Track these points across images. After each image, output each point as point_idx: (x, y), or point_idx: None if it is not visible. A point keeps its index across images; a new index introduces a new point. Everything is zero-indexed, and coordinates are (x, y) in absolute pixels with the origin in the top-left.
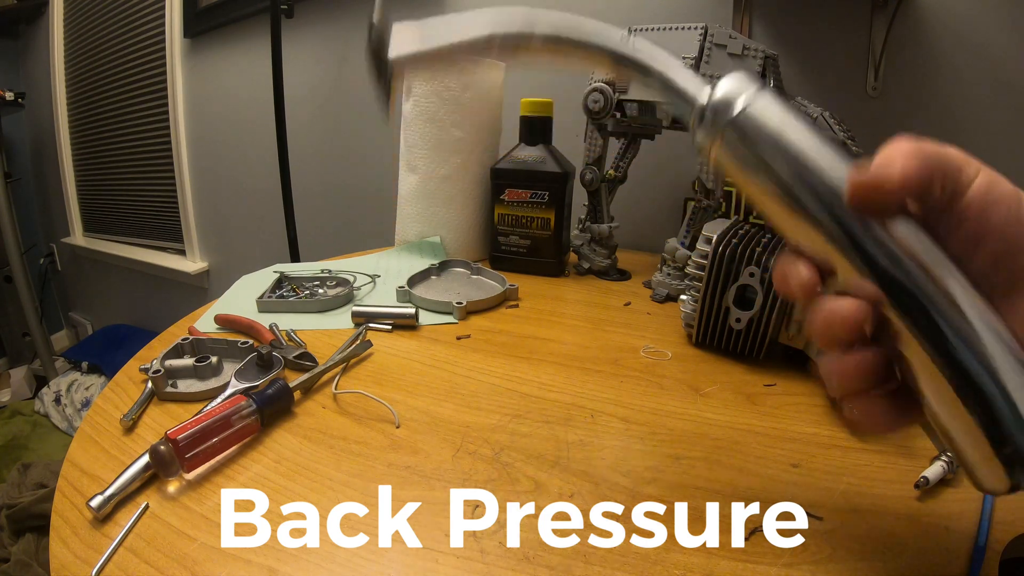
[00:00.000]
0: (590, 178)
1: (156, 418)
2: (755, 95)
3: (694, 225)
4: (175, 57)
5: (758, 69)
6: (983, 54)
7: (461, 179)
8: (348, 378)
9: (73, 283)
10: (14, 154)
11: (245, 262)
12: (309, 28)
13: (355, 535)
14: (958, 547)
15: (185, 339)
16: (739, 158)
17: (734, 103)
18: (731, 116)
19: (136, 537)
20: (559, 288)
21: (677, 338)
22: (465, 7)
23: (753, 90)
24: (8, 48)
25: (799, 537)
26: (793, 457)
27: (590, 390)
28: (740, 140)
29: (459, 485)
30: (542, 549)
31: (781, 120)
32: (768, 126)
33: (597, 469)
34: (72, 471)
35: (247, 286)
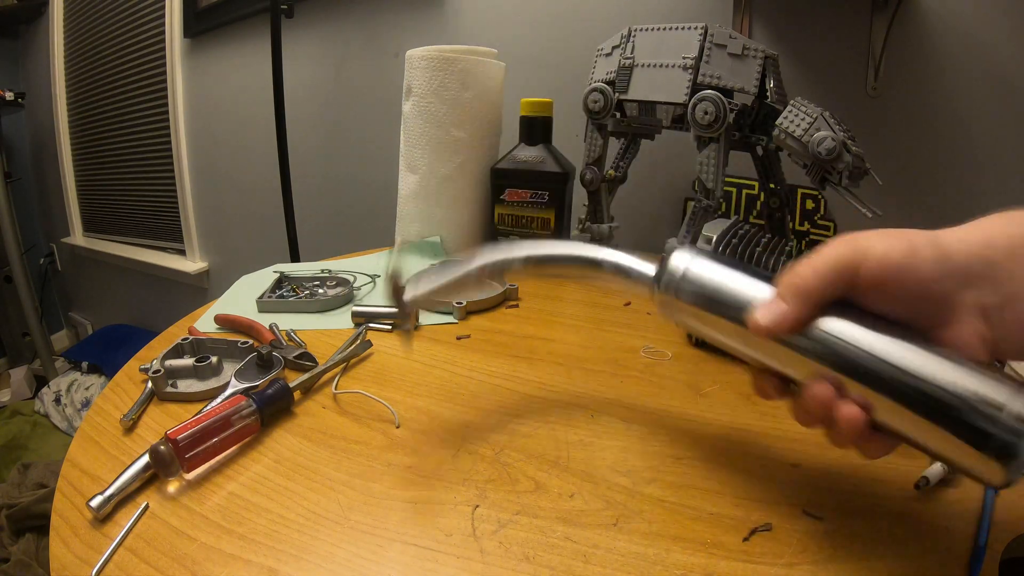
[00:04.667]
0: (590, 178)
1: (156, 418)
2: (692, 260)
3: (694, 225)
4: (175, 57)
5: (758, 69)
6: (983, 54)
7: (461, 179)
8: (348, 378)
9: (73, 283)
10: (14, 154)
11: (245, 262)
12: (309, 28)
13: (355, 535)
14: (958, 547)
15: (185, 339)
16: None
17: (681, 267)
18: (681, 275)
19: (136, 537)
20: (559, 288)
21: (677, 338)
22: (463, 8)
23: (690, 256)
24: (8, 48)
25: (799, 537)
26: (793, 457)
27: (590, 390)
28: (692, 292)
29: (459, 485)
30: (542, 549)
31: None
32: (709, 277)
33: (597, 469)
34: (72, 471)
35: (247, 286)
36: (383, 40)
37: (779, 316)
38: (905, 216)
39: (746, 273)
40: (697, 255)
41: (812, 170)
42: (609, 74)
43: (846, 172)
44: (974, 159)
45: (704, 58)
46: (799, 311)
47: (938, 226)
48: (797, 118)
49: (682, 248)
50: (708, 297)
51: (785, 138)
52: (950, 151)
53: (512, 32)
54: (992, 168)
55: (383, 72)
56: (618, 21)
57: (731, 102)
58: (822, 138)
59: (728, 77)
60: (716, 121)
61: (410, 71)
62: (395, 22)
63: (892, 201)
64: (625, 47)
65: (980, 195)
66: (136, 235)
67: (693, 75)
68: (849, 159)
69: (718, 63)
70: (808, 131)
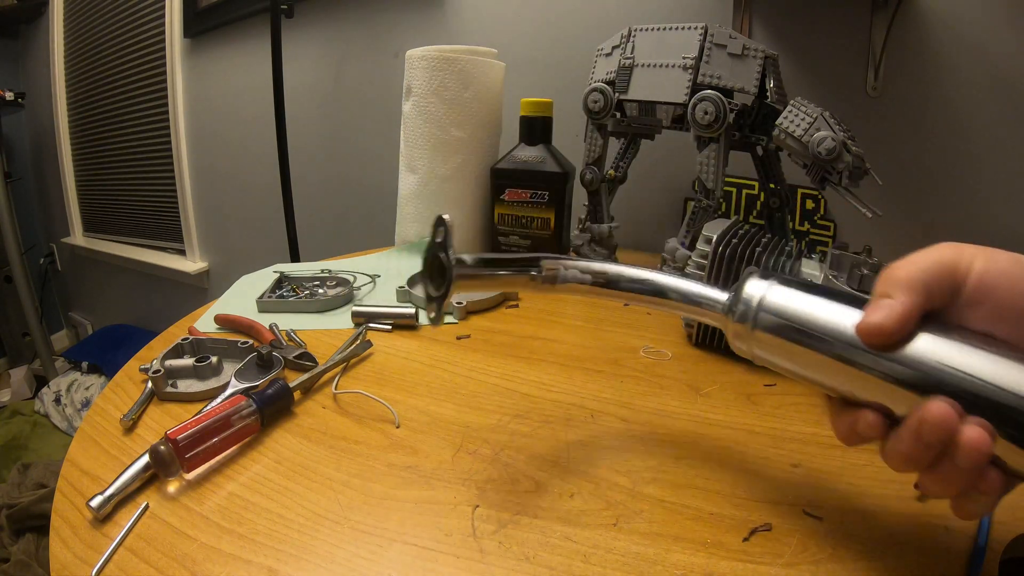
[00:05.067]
0: (590, 178)
1: (156, 418)
2: (771, 285)
3: (694, 225)
4: (175, 57)
5: (758, 69)
6: (983, 54)
7: (461, 179)
8: (348, 378)
9: (73, 283)
10: (14, 154)
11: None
12: (309, 28)
13: (355, 535)
14: (958, 547)
15: (185, 339)
16: (776, 333)
17: (758, 294)
18: (758, 302)
19: (136, 537)
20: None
21: (677, 338)
22: (463, 8)
23: (767, 282)
24: (8, 48)
25: (799, 537)
26: (793, 457)
27: (590, 390)
28: (773, 320)
29: (459, 485)
30: (542, 549)
31: (799, 296)
32: (790, 303)
33: (597, 469)
34: (72, 471)
35: (247, 286)
36: (383, 40)
37: (888, 310)
38: (905, 216)
39: (831, 296)
40: (774, 281)
41: (812, 170)
42: (609, 74)
43: (846, 172)
44: (974, 159)
45: (704, 58)
46: (908, 303)
47: (937, 226)
48: (797, 118)
49: (756, 274)
50: (793, 325)
51: (785, 138)
52: (950, 151)
53: (512, 32)
54: (992, 168)
55: (383, 72)
56: (618, 21)
57: (731, 102)
58: (822, 138)
59: (728, 77)
60: (716, 121)
61: (410, 71)
62: (395, 22)
63: (892, 201)
64: (625, 47)
65: (980, 195)
66: (136, 235)
67: (693, 75)
68: (849, 159)
69: (718, 63)
70: (808, 131)
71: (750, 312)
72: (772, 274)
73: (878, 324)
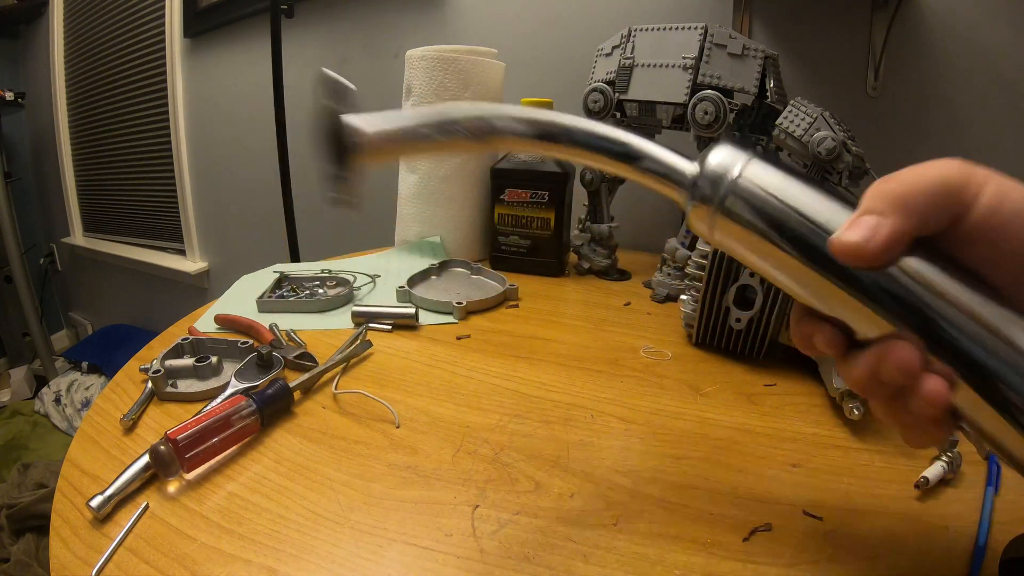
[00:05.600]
0: (590, 178)
1: (156, 418)
2: (748, 161)
3: None
4: (175, 57)
5: (758, 69)
6: (983, 54)
7: (461, 179)
8: (348, 378)
9: (73, 283)
10: (14, 154)
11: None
12: (309, 28)
13: (355, 535)
14: (958, 547)
15: (185, 339)
16: (743, 224)
17: (730, 170)
18: (730, 182)
19: (136, 537)
20: (559, 288)
21: (677, 338)
22: (463, 8)
23: (746, 157)
24: (8, 48)
25: (799, 537)
26: (793, 457)
27: (590, 390)
28: (743, 205)
29: (459, 485)
30: (542, 549)
31: (780, 180)
32: (768, 187)
33: (597, 469)
34: (72, 471)
35: (247, 286)
36: (383, 40)
37: (872, 232)
38: None
39: (814, 189)
40: (753, 156)
41: (812, 170)
42: (609, 74)
43: (846, 172)
44: (974, 159)
45: (704, 58)
46: (898, 226)
47: None
48: (797, 118)
49: (728, 143)
50: (767, 215)
51: (785, 138)
52: (950, 151)
53: (512, 32)
54: (992, 168)
55: (383, 72)
56: (618, 21)
57: (731, 102)
58: (822, 138)
59: (728, 77)
60: (716, 121)
61: (410, 71)
62: (395, 22)
63: None
64: (625, 47)
65: None
66: (136, 235)
67: (693, 75)
68: (849, 159)
69: (718, 63)
70: (808, 131)
71: (717, 191)
72: (749, 146)
73: (855, 244)
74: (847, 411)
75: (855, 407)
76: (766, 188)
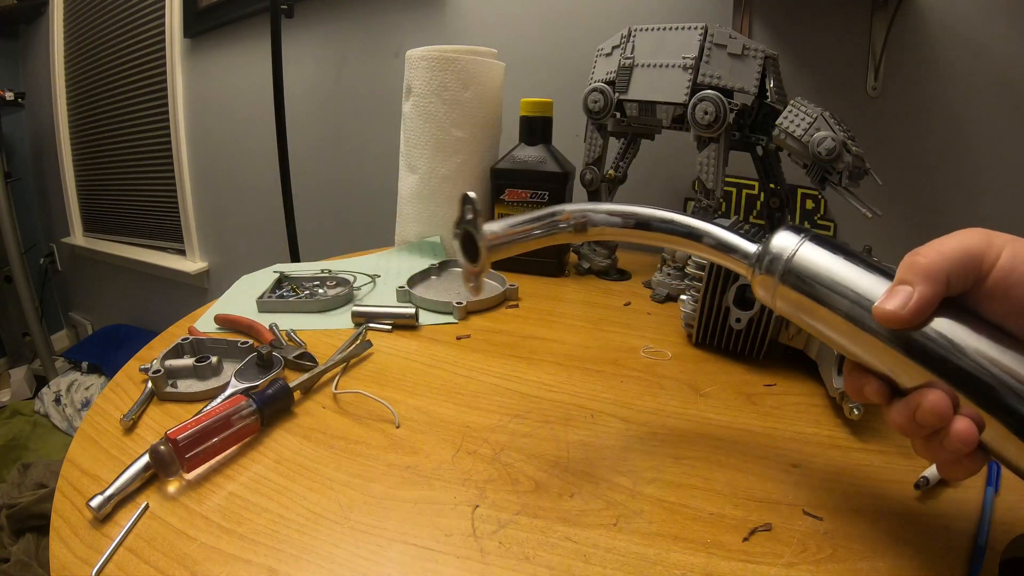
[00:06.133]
0: (590, 178)
1: (156, 418)
2: (801, 241)
3: None
4: (175, 57)
5: (758, 69)
6: (983, 54)
7: (461, 179)
8: (348, 378)
9: (73, 283)
10: (14, 154)
11: (245, 262)
12: (309, 28)
13: (355, 535)
14: (958, 547)
15: (185, 339)
16: (800, 292)
17: (789, 248)
18: (788, 259)
19: (136, 537)
20: (559, 288)
21: (677, 338)
22: (463, 8)
23: (799, 238)
24: (8, 48)
25: (799, 537)
26: (793, 457)
27: (590, 390)
28: (799, 278)
29: (459, 485)
30: (542, 549)
31: (829, 258)
32: (819, 263)
33: (597, 469)
34: (72, 471)
35: (247, 286)
36: (383, 40)
37: (905, 300)
38: (905, 216)
39: (860, 262)
40: (805, 237)
41: (812, 170)
42: (609, 74)
43: (846, 172)
44: (974, 159)
45: (704, 58)
46: (927, 293)
47: (937, 226)
48: (797, 118)
49: (788, 227)
50: (819, 286)
51: (785, 138)
52: (950, 151)
53: (512, 32)
54: (992, 168)
55: (383, 72)
56: (618, 21)
57: (731, 102)
58: (822, 138)
59: (728, 77)
60: (716, 121)
61: (410, 71)
62: (395, 22)
63: (892, 201)
64: (625, 47)
65: (980, 195)
66: (136, 235)
67: (693, 75)
68: (849, 159)
69: (718, 63)
70: (808, 131)
71: (778, 265)
72: (803, 230)
73: (893, 312)
74: (847, 411)
75: (855, 407)
76: (818, 262)
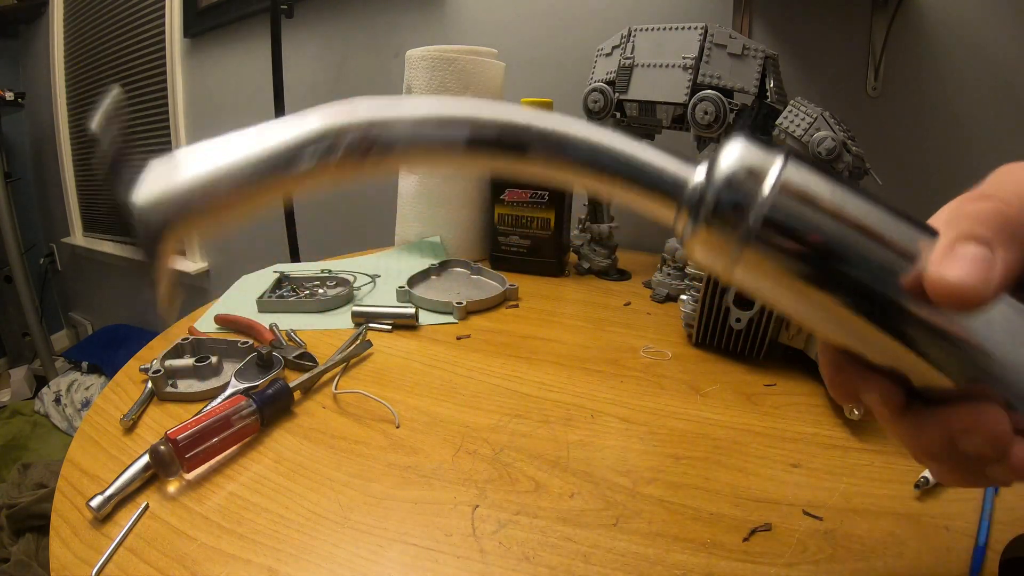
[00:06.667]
0: None
1: (156, 418)
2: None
3: None
4: (175, 57)
5: (758, 69)
6: (983, 54)
7: (461, 179)
8: (348, 378)
9: (73, 283)
10: (14, 154)
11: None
12: (309, 28)
13: (355, 535)
14: (958, 547)
15: (185, 339)
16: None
17: (760, 178)
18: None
19: (136, 537)
20: (559, 288)
21: (677, 338)
22: (463, 8)
23: (779, 158)
24: (8, 48)
25: (799, 537)
26: (793, 457)
27: (590, 390)
28: (785, 230)
29: (459, 485)
30: (542, 549)
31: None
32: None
33: (597, 469)
34: (72, 471)
35: (247, 286)
36: (383, 40)
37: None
38: None
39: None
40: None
41: None
42: (609, 74)
43: (846, 172)
44: (974, 158)
45: (704, 58)
46: (1012, 260)
47: None
48: (797, 118)
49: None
50: (825, 241)
51: (785, 138)
52: (950, 151)
53: (512, 32)
54: (992, 168)
55: (383, 72)
56: (618, 21)
57: (731, 102)
58: (822, 138)
59: (728, 77)
60: (716, 121)
61: (410, 71)
62: (395, 22)
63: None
64: (625, 47)
65: None
66: None
67: (693, 75)
68: (849, 159)
69: (718, 63)
70: (808, 131)
71: (745, 210)
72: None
73: (960, 284)
74: (847, 411)
75: (855, 407)
76: (818, 202)
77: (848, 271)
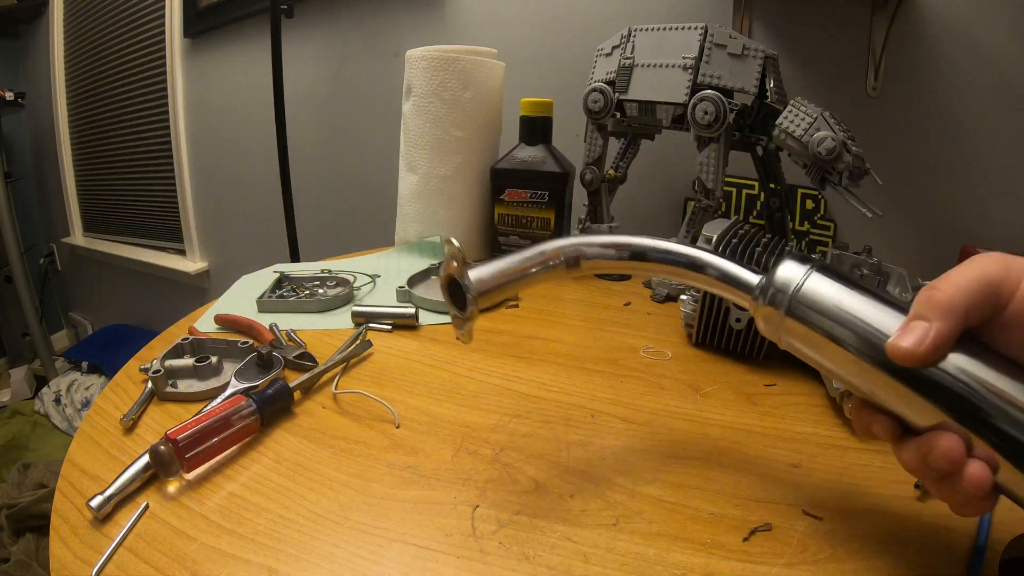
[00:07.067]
0: (590, 178)
1: (156, 418)
2: (808, 272)
3: (694, 225)
4: (175, 57)
5: (758, 69)
6: (983, 54)
7: (461, 179)
8: (348, 378)
9: (73, 283)
10: (14, 154)
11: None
12: (309, 28)
13: (355, 535)
14: (958, 547)
15: (185, 339)
16: (809, 326)
17: (795, 280)
18: (794, 291)
19: (136, 537)
20: (559, 288)
21: (677, 338)
22: (463, 8)
23: (806, 268)
24: (8, 48)
25: (799, 537)
26: (793, 457)
27: (590, 390)
28: (806, 311)
29: (459, 485)
30: (542, 549)
31: (838, 290)
32: (827, 296)
33: (597, 469)
34: (72, 471)
35: (247, 286)
36: (383, 40)
37: (922, 337)
38: (905, 216)
39: (870, 295)
40: (812, 268)
41: (812, 170)
42: (609, 74)
43: (846, 172)
44: (974, 159)
45: (704, 58)
46: (944, 330)
47: (938, 226)
48: (797, 118)
49: (793, 257)
50: (827, 320)
51: (785, 138)
52: (950, 151)
53: (512, 32)
54: (992, 168)
55: (383, 72)
56: (618, 21)
57: (731, 102)
58: (822, 138)
59: (728, 77)
60: (716, 121)
61: (410, 71)
62: (395, 22)
63: (892, 201)
64: (625, 47)
65: (980, 195)
66: (136, 235)
67: (693, 75)
68: (849, 159)
69: (718, 63)
70: (808, 131)
71: (783, 298)
72: (809, 259)
73: (908, 349)
74: (847, 411)
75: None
76: (825, 295)
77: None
